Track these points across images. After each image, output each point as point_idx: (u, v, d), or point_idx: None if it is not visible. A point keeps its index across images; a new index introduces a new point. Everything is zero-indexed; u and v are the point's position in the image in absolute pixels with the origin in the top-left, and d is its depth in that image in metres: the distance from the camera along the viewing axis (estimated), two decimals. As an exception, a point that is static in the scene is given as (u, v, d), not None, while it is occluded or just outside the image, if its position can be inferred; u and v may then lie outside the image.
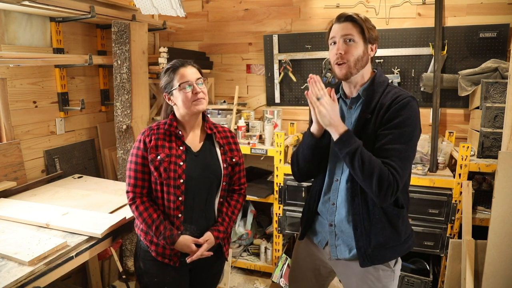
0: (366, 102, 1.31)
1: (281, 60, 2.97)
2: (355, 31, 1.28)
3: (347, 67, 1.29)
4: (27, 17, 2.13)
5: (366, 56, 1.31)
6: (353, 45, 1.28)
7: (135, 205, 1.46)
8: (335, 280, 2.52)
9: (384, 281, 1.38)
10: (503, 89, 2.24)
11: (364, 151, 1.22)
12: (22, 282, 1.24)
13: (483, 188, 2.43)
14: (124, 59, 2.39)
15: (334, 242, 1.42)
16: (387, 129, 1.24)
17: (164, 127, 1.48)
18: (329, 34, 1.35)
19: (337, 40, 1.30)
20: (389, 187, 1.19)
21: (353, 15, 1.29)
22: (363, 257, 1.34)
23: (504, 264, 1.91)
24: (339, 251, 1.41)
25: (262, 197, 2.68)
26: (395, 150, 1.22)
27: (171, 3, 2.29)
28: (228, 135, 1.60)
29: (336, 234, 1.41)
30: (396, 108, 1.24)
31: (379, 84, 1.33)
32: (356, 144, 1.22)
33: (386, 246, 1.35)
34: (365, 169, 1.19)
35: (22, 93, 2.14)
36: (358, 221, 1.33)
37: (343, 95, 1.40)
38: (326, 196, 1.44)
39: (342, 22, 1.30)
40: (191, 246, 1.44)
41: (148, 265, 1.52)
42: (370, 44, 1.31)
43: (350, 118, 1.37)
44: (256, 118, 3.10)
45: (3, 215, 1.67)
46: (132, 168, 1.46)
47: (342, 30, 1.29)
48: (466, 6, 2.56)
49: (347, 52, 1.28)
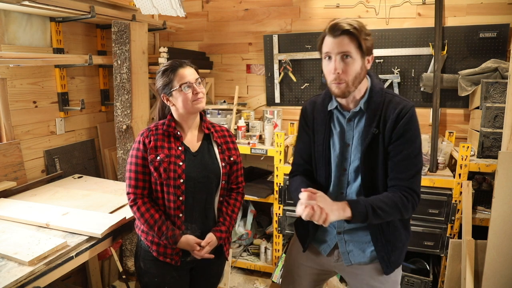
0: (369, 115, 1.28)
1: (281, 60, 2.97)
2: (352, 46, 1.18)
3: (345, 86, 1.22)
4: (27, 17, 2.13)
5: (364, 71, 1.24)
6: (350, 62, 1.20)
7: (136, 206, 1.46)
8: (335, 280, 2.52)
9: (392, 275, 1.40)
10: (503, 89, 2.24)
11: (376, 207, 1.21)
12: (22, 282, 1.24)
13: (483, 188, 2.43)
14: (124, 59, 2.39)
15: (345, 249, 1.40)
16: (401, 144, 1.24)
17: (162, 128, 1.48)
18: (321, 45, 1.25)
19: (333, 57, 1.21)
20: (413, 207, 1.26)
21: (349, 28, 1.17)
22: (387, 265, 1.35)
23: (504, 264, 1.91)
24: (352, 256, 1.40)
25: (262, 197, 2.68)
26: (411, 164, 1.25)
27: (171, 3, 2.29)
28: (225, 134, 1.60)
29: (346, 241, 1.40)
30: (404, 122, 1.24)
31: (378, 94, 1.29)
32: (370, 209, 1.20)
33: (402, 248, 1.39)
34: (390, 216, 1.25)
35: (22, 93, 2.13)
36: (378, 233, 1.33)
37: (339, 106, 1.34)
38: None
39: (337, 36, 1.18)
40: (193, 245, 1.45)
41: (149, 265, 1.52)
42: (367, 56, 1.23)
43: (351, 131, 1.33)
44: (256, 118, 3.10)
45: (3, 215, 1.67)
46: (132, 170, 1.46)
47: (338, 47, 1.19)
48: (466, 6, 2.55)
49: (345, 72, 1.20)
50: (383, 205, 1.21)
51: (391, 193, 1.26)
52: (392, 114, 1.25)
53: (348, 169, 1.34)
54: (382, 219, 1.24)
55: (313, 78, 2.95)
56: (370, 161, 1.29)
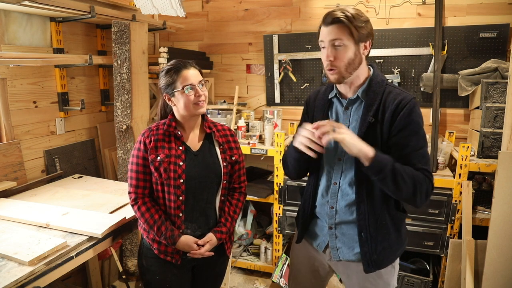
0: (367, 104, 1.28)
1: (281, 60, 2.97)
2: (344, 34, 1.21)
3: (338, 73, 1.25)
4: (27, 17, 2.13)
5: (358, 57, 1.25)
6: (342, 50, 1.22)
7: (137, 205, 1.47)
8: (335, 280, 2.52)
9: (385, 277, 1.39)
10: (503, 89, 2.24)
11: (397, 167, 1.18)
12: (22, 282, 1.24)
13: (483, 188, 2.43)
14: (124, 59, 2.39)
15: (335, 245, 1.40)
16: (406, 136, 1.23)
17: (163, 128, 1.48)
18: (319, 36, 1.29)
19: (326, 45, 1.25)
20: (428, 191, 1.22)
21: (340, 16, 1.20)
22: (368, 262, 1.33)
23: (504, 264, 1.91)
24: (341, 253, 1.40)
25: (262, 197, 2.68)
26: (420, 155, 1.24)
27: (171, 3, 2.29)
28: (227, 133, 1.60)
29: (337, 236, 1.40)
30: (405, 114, 1.23)
31: (378, 84, 1.30)
32: (389, 165, 1.17)
33: (390, 250, 1.36)
34: (404, 186, 1.18)
35: (22, 93, 2.13)
36: (364, 227, 1.32)
37: (338, 94, 1.36)
38: (324, 199, 1.41)
39: (328, 25, 1.22)
40: (192, 245, 1.45)
41: (150, 262, 1.52)
42: (362, 42, 1.24)
43: (347, 119, 1.33)
44: (256, 118, 3.10)
45: (3, 215, 1.67)
46: (134, 169, 1.47)
47: (329, 34, 1.22)
48: (466, 6, 2.56)
49: (336, 58, 1.23)
50: (402, 170, 1.18)
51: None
52: (391, 105, 1.25)
53: (343, 159, 1.34)
54: (395, 185, 1.18)
55: (313, 78, 2.95)
56: None
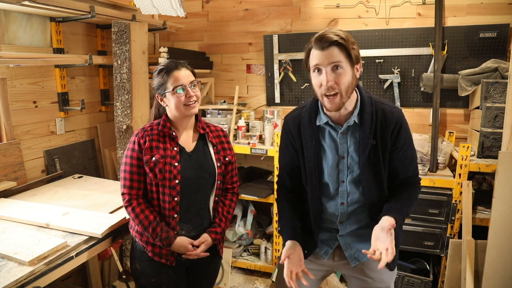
0: (365, 127, 1.27)
1: (281, 60, 2.97)
2: (342, 57, 1.17)
3: (339, 98, 1.19)
4: (27, 17, 2.13)
5: (354, 80, 1.22)
6: (342, 73, 1.17)
7: (131, 207, 1.45)
8: (335, 280, 2.52)
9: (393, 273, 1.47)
10: (503, 89, 2.24)
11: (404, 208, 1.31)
12: (22, 282, 1.24)
13: (483, 188, 2.43)
14: (124, 59, 2.39)
15: (351, 253, 1.42)
16: (406, 149, 1.33)
17: (157, 128, 1.48)
18: (308, 58, 1.23)
19: (324, 69, 1.18)
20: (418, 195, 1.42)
21: (337, 39, 1.16)
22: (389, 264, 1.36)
23: (504, 264, 1.91)
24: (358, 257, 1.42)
25: (262, 197, 2.68)
26: (414, 161, 1.39)
27: (171, 3, 2.29)
28: (220, 134, 1.60)
29: (350, 244, 1.42)
30: (402, 129, 1.31)
31: (368, 103, 1.29)
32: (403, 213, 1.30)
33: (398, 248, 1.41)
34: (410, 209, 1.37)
35: (22, 93, 2.13)
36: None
37: (330, 121, 1.31)
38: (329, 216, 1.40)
39: (326, 48, 1.17)
40: (187, 246, 1.46)
41: (145, 265, 1.52)
42: (356, 65, 1.22)
43: (345, 143, 1.31)
44: (256, 118, 3.10)
45: (3, 215, 1.67)
46: (127, 170, 1.46)
47: (328, 58, 1.16)
48: (466, 6, 2.55)
49: (337, 82, 1.17)
50: (407, 204, 1.33)
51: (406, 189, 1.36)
52: (390, 125, 1.28)
53: (346, 180, 1.34)
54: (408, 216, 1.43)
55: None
56: (370, 170, 1.30)
